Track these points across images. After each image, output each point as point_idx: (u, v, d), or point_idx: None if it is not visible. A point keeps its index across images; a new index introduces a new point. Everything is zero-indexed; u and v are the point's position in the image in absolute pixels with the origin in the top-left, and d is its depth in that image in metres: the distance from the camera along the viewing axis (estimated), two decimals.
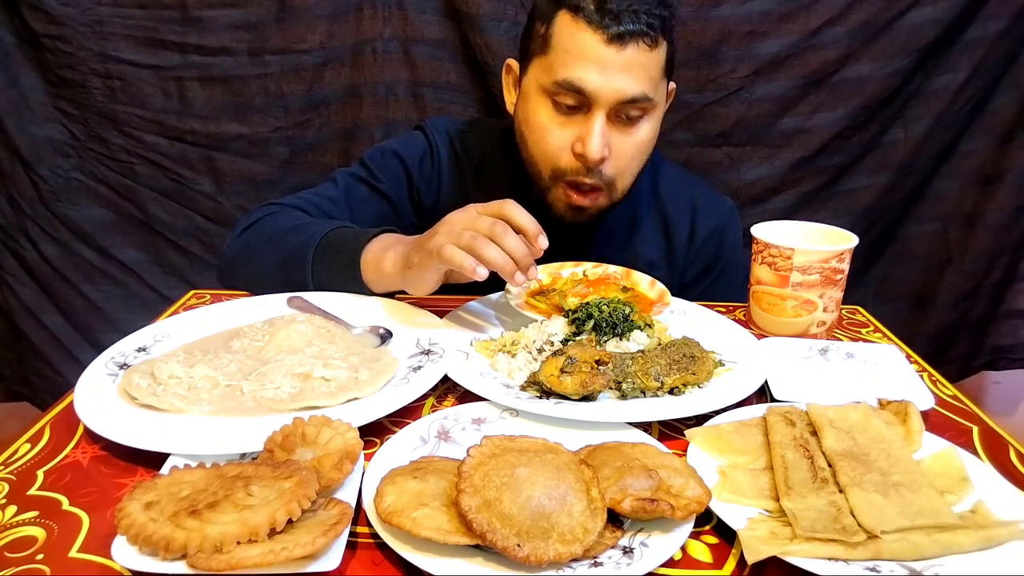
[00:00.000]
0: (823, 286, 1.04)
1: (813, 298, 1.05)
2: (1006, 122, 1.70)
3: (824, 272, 1.03)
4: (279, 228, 1.17)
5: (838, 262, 1.04)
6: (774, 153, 1.72)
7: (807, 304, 1.05)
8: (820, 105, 1.69)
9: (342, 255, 1.08)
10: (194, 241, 1.77)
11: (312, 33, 1.62)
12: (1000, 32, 1.61)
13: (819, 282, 1.04)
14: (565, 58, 1.08)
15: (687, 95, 1.66)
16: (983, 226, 1.77)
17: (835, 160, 1.73)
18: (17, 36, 1.60)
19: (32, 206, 1.70)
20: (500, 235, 0.93)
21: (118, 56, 1.61)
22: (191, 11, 1.58)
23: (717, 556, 0.66)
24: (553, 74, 1.10)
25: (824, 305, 1.05)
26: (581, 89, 1.07)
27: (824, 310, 1.05)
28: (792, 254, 1.04)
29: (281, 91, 1.66)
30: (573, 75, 1.07)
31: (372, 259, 1.05)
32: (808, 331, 1.07)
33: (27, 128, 1.65)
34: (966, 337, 1.85)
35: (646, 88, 1.09)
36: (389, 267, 1.03)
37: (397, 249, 1.03)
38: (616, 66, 1.06)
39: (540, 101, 1.14)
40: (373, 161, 1.30)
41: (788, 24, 1.62)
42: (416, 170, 1.30)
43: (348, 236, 1.10)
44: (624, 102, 1.09)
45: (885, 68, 1.64)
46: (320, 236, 1.10)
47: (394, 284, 1.05)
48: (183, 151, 1.70)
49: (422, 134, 1.33)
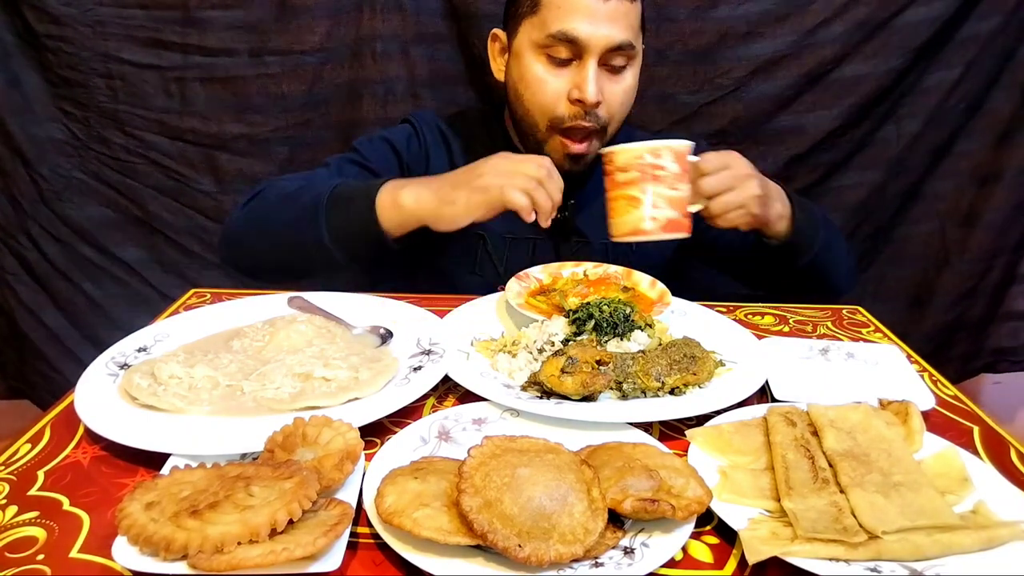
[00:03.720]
0: (643, 182, 1.06)
1: (636, 194, 1.07)
2: (1003, 121, 1.69)
3: (641, 168, 1.06)
4: (286, 192, 1.20)
5: (653, 157, 1.06)
6: (767, 151, 1.71)
7: (633, 201, 1.07)
8: (815, 103, 1.68)
9: (357, 201, 1.10)
10: (195, 240, 1.77)
11: (312, 33, 1.61)
12: (994, 30, 1.61)
13: (639, 178, 1.06)
14: (557, 13, 1.17)
15: (683, 95, 1.66)
16: (981, 226, 1.76)
17: (828, 157, 1.73)
18: (18, 36, 1.59)
19: (33, 205, 1.69)
20: (546, 179, 1.06)
21: (119, 56, 1.60)
22: (192, 11, 1.58)
23: (718, 556, 0.66)
24: (546, 28, 1.17)
25: (652, 202, 1.06)
26: (575, 38, 1.16)
27: (653, 206, 1.06)
28: (613, 157, 1.08)
29: (281, 91, 1.66)
30: (566, 26, 1.16)
31: (388, 199, 1.08)
32: (641, 227, 1.06)
33: (28, 128, 1.64)
34: (964, 338, 1.85)
35: (630, 36, 1.19)
36: (410, 202, 1.07)
37: (416, 188, 1.09)
38: (603, 16, 1.15)
39: (533, 57, 1.21)
40: (362, 146, 1.34)
41: (785, 24, 1.61)
42: (405, 151, 1.36)
43: (358, 185, 1.15)
44: (612, 49, 1.17)
45: (881, 66, 1.64)
46: (330, 189, 1.13)
47: (413, 220, 1.08)
48: (184, 150, 1.70)
49: (408, 124, 1.40)
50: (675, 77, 1.65)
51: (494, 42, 1.32)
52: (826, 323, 1.20)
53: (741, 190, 1.08)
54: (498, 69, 1.33)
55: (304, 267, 1.19)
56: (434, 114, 1.43)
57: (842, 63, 1.64)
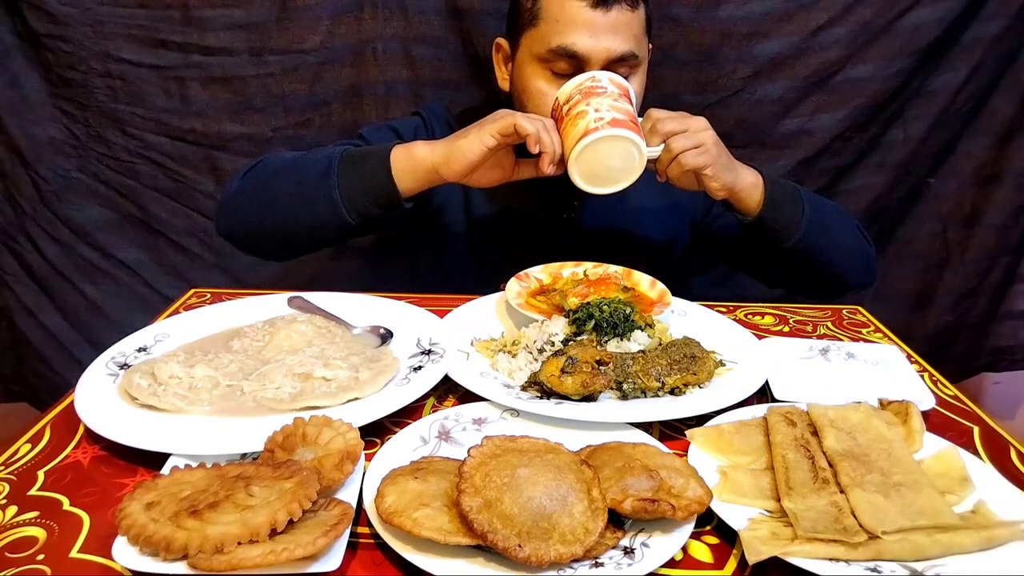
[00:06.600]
0: (585, 98, 1.06)
1: (580, 109, 1.06)
2: (1005, 122, 1.69)
3: (581, 91, 1.07)
4: (291, 158, 1.19)
5: (591, 82, 1.08)
6: (776, 155, 1.71)
7: (580, 115, 1.05)
8: (821, 106, 1.68)
9: (370, 157, 1.11)
10: (195, 241, 1.77)
11: (313, 33, 1.61)
12: (1000, 32, 1.61)
13: (581, 99, 1.06)
14: (556, 27, 1.15)
15: (687, 96, 1.66)
16: (983, 226, 1.76)
17: (836, 161, 1.73)
18: (18, 36, 1.59)
19: (33, 206, 1.69)
20: (552, 129, 1.05)
21: (119, 56, 1.60)
22: (192, 11, 1.58)
23: (718, 556, 0.66)
24: (546, 43, 1.16)
25: (595, 107, 1.05)
26: (574, 53, 1.14)
27: (596, 110, 1.04)
28: (558, 97, 1.10)
29: (282, 91, 1.65)
30: (565, 41, 1.14)
31: (402, 152, 1.09)
32: (588, 128, 1.03)
33: (28, 128, 1.64)
34: (965, 338, 1.85)
35: (632, 46, 1.16)
36: (424, 150, 1.08)
37: (429, 142, 1.10)
38: (604, 28, 1.13)
39: (535, 69, 1.20)
40: (369, 133, 1.33)
41: (788, 25, 1.61)
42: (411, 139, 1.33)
43: (370, 147, 1.16)
44: (614, 60, 1.15)
45: (886, 69, 1.64)
46: (342, 150, 1.13)
47: (427, 166, 1.08)
48: (184, 151, 1.69)
49: (418, 116, 1.40)
50: (678, 78, 1.65)
51: (498, 52, 1.31)
52: (826, 323, 1.20)
53: (697, 133, 1.07)
54: (503, 78, 1.32)
55: (307, 234, 1.17)
56: (445, 108, 1.42)
57: (847, 65, 1.64)
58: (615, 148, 1.03)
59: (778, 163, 1.71)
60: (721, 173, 1.10)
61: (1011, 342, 1.81)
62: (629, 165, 1.05)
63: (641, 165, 1.06)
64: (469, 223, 1.36)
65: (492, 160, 1.08)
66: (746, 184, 1.14)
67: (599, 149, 1.03)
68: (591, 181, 1.07)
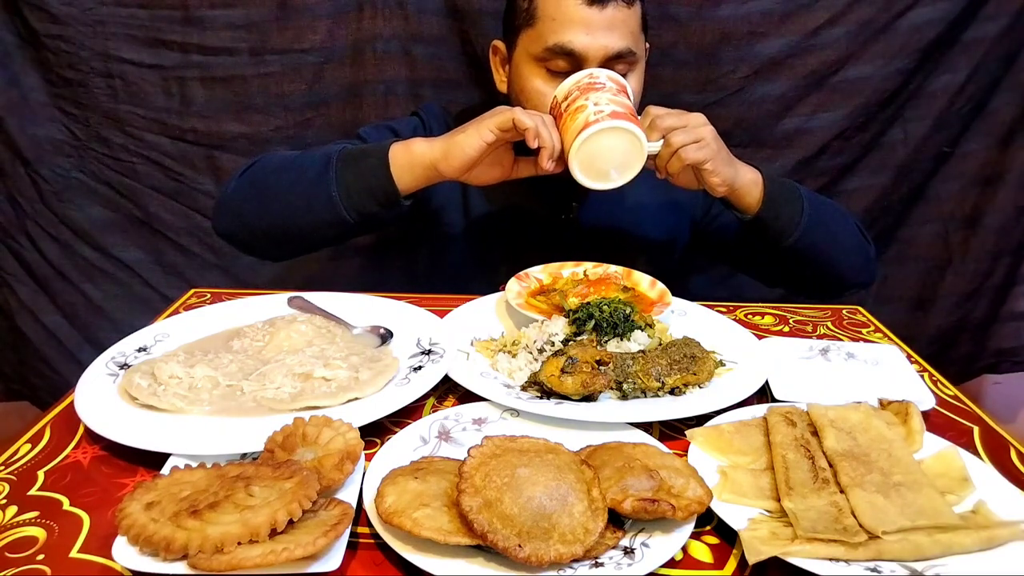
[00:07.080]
0: (584, 93, 1.07)
1: (579, 104, 1.06)
2: (1006, 123, 1.69)
3: (580, 87, 1.08)
4: (289, 157, 1.19)
5: (589, 78, 1.08)
6: (775, 154, 1.71)
7: (579, 110, 1.06)
8: (820, 106, 1.68)
9: (369, 155, 1.11)
10: (195, 241, 1.77)
11: (312, 32, 1.61)
12: (1000, 32, 1.61)
13: (579, 95, 1.07)
14: (552, 25, 1.15)
15: (687, 96, 1.66)
16: (983, 227, 1.76)
17: (836, 161, 1.73)
18: (18, 36, 1.59)
19: (33, 206, 1.69)
20: (550, 125, 1.06)
21: (119, 56, 1.60)
22: (192, 11, 1.58)
23: (718, 556, 0.66)
24: (543, 42, 1.16)
25: (595, 101, 1.05)
26: (571, 51, 1.14)
27: (595, 104, 1.05)
28: (555, 95, 1.11)
29: (282, 90, 1.66)
30: (562, 39, 1.14)
31: (401, 149, 1.09)
32: (588, 121, 1.04)
33: (28, 128, 1.64)
34: (967, 339, 1.85)
35: (629, 43, 1.16)
36: (422, 146, 1.08)
37: (427, 139, 1.10)
38: (600, 25, 1.13)
39: (532, 69, 1.20)
40: (367, 133, 1.33)
41: (788, 24, 1.61)
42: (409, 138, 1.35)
43: (368, 145, 1.16)
44: (611, 57, 1.15)
45: (885, 68, 1.64)
46: (340, 149, 1.13)
47: (426, 163, 1.08)
48: (184, 150, 1.69)
49: (416, 116, 1.40)
50: (678, 77, 1.65)
51: (495, 54, 1.31)
52: (826, 323, 1.20)
53: (697, 128, 1.08)
54: (500, 80, 1.32)
55: (305, 233, 1.17)
56: (443, 108, 1.42)
57: (847, 65, 1.64)
58: (616, 140, 1.03)
59: (778, 163, 1.71)
60: (721, 168, 1.10)
61: (1013, 343, 1.81)
62: (630, 159, 1.05)
63: (642, 159, 1.05)
64: (468, 223, 1.36)
65: (491, 158, 1.08)
66: (746, 181, 1.14)
67: (600, 141, 1.03)
68: (591, 176, 1.07)
